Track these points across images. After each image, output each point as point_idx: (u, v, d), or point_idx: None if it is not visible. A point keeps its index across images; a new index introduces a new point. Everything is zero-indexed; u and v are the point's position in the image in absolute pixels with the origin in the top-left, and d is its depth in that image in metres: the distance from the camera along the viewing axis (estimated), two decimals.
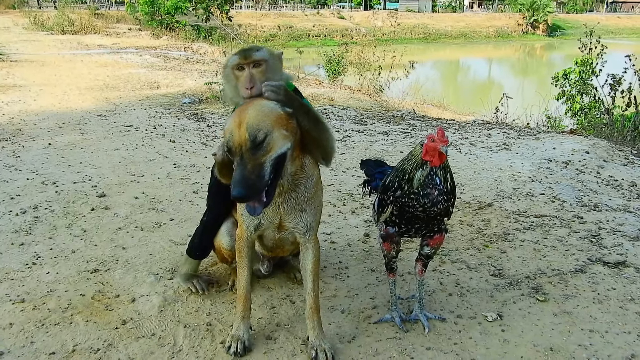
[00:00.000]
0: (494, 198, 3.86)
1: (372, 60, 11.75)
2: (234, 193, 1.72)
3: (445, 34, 39.03)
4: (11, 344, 2.17)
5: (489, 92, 14.09)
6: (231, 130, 1.79)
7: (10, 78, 8.72)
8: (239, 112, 1.85)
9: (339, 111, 6.88)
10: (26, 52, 11.88)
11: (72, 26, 18.37)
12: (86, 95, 7.68)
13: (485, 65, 29.49)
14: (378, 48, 12.29)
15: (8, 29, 18.00)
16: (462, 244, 3.14)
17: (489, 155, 4.93)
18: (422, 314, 2.38)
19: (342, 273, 2.82)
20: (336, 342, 2.23)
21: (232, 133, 1.79)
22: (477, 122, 6.92)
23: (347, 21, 41.43)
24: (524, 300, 2.56)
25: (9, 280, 2.67)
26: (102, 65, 10.56)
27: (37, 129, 5.70)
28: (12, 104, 6.89)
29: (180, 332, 2.28)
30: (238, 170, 1.76)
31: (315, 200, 2.16)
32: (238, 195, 1.72)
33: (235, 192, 1.72)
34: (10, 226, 3.28)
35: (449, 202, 2.10)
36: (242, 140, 1.78)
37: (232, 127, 1.80)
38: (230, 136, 1.79)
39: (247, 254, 2.22)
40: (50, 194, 3.83)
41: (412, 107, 8.66)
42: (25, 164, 4.50)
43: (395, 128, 6.08)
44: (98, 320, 2.35)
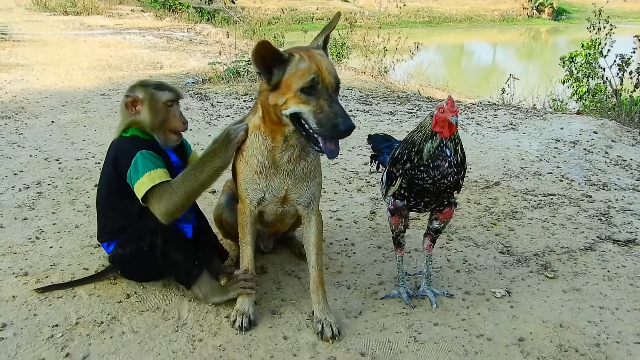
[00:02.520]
0: (501, 177, 3.82)
1: (376, 42, 11.64)
2: (349, 124, 1.74)
3: (449, 18, 38.64)
4: (14, 316, 2.15)
5: (494, 75, 13.97)
6: (314, 70, 1.78)
7: (13, 57, 8.64)
8: (310, 59, 1.82)
9: (344, 91, 6.81)
10: (29, 32, 11.77)
11: (75, 7, 18.17)
12: (89, 74, 7.61)
13: (490, 49, 29.23)
14: (382, 31, 12.17)
15: (10, 9, 17.83)
16: (469, 222, 3.10)
17: (496, 135, 4.88)
18: (429, 290, 2.35)
19: (348, 250, 2.78)
20: (342, 317, 2.20)
21: (317, 73, 1.78)
22: (484, 103, 6.84)
23: (350, 4, 41.02)
24: (532, 277, 2.52)
25: (12, 254, 2.64)
26: (105, 45, 10.46)
27: (40, 107, 5.65)
28: (15, 83, 6.83)
29: (184, 306, 2.25)
30: (336, 106, 1.78)
31: (318, 170, 2.14)
32: (352, 126, 1.76)
33: (350, 122, 1.75)
34: (14, 201, 3.25)
35: (459, 174, 2.06)
36: (328, 82, 1.80)
37: (312, 67, 1.79)
38: (314, 75, 1.77)
39: (250, 230, 2.18)
40: (54, 170, 3.80)
41: (417, 89, 8.57)
42: (28, 140, 4.46)
43: (400, 108, 6.02)
44: (102, 293, 2.32)
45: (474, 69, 22.34)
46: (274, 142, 1.99)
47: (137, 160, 2.09)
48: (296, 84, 1.79)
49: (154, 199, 2.05)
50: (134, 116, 2.19)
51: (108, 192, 2.28)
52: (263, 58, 1.81)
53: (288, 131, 1.94)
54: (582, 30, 7.71)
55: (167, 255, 2.18)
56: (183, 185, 2.06)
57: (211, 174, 2.07)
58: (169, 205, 2.04)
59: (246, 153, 2.06)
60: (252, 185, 2.08)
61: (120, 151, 2.19)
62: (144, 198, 2.07)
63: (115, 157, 2.19)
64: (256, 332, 2.10)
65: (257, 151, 2.03)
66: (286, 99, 1.83)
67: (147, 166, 2.09)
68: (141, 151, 2.11)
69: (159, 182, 2.06)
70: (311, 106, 1.79)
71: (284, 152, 2.00)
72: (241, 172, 2.10)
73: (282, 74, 1.83)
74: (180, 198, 2.05)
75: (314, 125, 1.79)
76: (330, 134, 1.78)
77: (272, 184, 2.06)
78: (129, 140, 2.19)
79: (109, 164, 2.23)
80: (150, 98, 2.17)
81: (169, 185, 2.06)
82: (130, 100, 2.18)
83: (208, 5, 25.10)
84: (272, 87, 1.86)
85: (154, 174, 2.08)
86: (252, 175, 2.06)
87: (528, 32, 33.72)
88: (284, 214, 2.22)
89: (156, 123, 2.19)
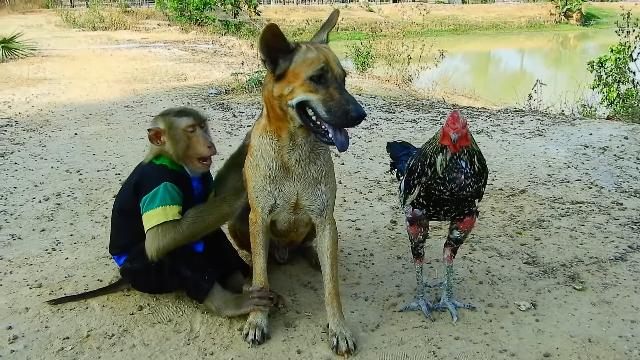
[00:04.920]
0: (527, 184, 3.70)
1: (400, 51, 11.57)
2: (360, 110, 1.70)
3: (475, 26, 38.35)
4: (26, 328, 2.13)
5: (521, 82, 13.74)
6: (324, 60, 1.77)
7: (41, 72, 8.81)
8: (318, 50, 1.81)
9: (367, 99, 6.75)
10: (57, 48, 12.02)
11: (103, 22, 18.56)
12: (114, 87, 7.71)
13: (517, 56, 28.88)
14: (407, 39, 12.09)
15: (41, 26, 18.25)
16: (493, 231, 3.00)
17: (522, 141, 4.74)
18: (450, 302, 2.26)
19: (366, 260, 2.71)
20: (359, 330, 2.12)
21: (326, 63, 1.77)
22: (510, 109, 6.70)
23: (375, 14, 41.00)
24: (559, 289, 2.41)
25: (28, 265, 2.64)
26: (131, 58, 10.61)
27: (64, 120, 5.72)
28: (42, 97, 6.95)
29: (197, 318, 2.20)
30: (346, 94, 1.75)
31: (330, 176, 2.07)
32: (364, 113, 1.72)
33: (361, 109, 1.71)
34: (33, 212, 3.26)
35: (479, 183, 1.97)
36: (337, 72, 1.79)
37: (321, 57, 1.78)
38: (324, 65, 1.76)
39: (262, 240, 2.13)
40: (74, 181, 3.81)
41: (441, 96, 8.46)
42: (51, 153, 4.50)
43: (424, 116, 5.92)
44: (114, 305, 2.29)
45: (501, 76, 22.07)
46: (280, 140, 1.94)
47: (158, 191, 2.08)
48: (305, 72, 1.76)
49: (156, 234, 2.05)
50: (161, 147, 2.18)
51: (122, 210, 2.27)
52: (269, 44, 1.77)
53: (294, 127, 1.88)
54: (612, 35, 7.53)
55: (176, 271, 2.14)
56: (191, 227, 2.09)
57: (218, 219, 2.15)
58: (168, 242, 2.05)
59: (255, 157, 2.02)
60: (263, 192, 2.03)
61: (145, 177, 2.18)
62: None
63: (138, 181, 2.18)
64: (269, 345, 2.04)
65: (264, 153, 1.98)
66: (293, 87, 1.78)
67: (166, 200, 2.08)
68: (166, 183, 2.10)
69: (170, 220, 2.06)
70: (320, 94, 1.75)
71: (291, 151, 1.94)
72: (251, 179, 2.05)
73: (289, 63, 1.79)
74: (183, 238, 2.08)
75: (323, 113, 1.74)
76: (342, 121, 1.72)
77: (282, 188, 2.01)
78: (157, 169, 2.18)
79: (130, 185, 2.22)
80: (169, 127, 2.15)
81: (177, 224, 2.07)
82: (154, 133, 2.16)
83: (234, 18, 25.42)
84: (277, 77, 1.83)
85: (169, 209, 2.08)
86: (262, 181, 2.01)
87: (556, 38, 33.24)
88: (297, 223, 2.16)
89: (180, 151, 2.16)
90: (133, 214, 2.15)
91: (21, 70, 8.74)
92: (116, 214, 2.31)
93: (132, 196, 2.17)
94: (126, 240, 2.25)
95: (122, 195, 2.29)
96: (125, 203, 2.23)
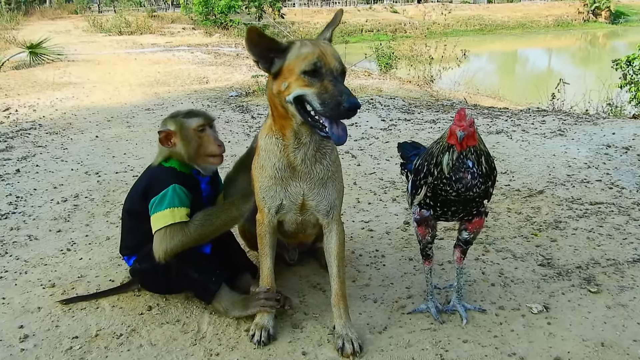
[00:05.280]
0: (545, 185, 3.63)
1: (423, 52, 11.50)
2: (353, 101, 1.68)
3: (501, 25, 37.90)
4: (37, 327, 2.16)
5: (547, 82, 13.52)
6: (317, 54, 1.76)
7: (66, 76, 8.98)
8: (313, 44, 1.81)
9: (386, 100, 6.71)
10: (84, 53, 12.24)
11: (129, 27, 18.84)
12: (136, 90, 7.82)
13: (544, 55, 28.44)
14: (430, 40, 12.02)
15: (69, 32, 18.62)
16: (508, 233, 2.95)
17: (542, 141, 4.66)
18: (460, 304, 2.22)
19: (377, 261, 2.68)
20: (366, 332, 2.10)
21: (320, 57, 1.76)
22: (532, 109, 6.60)
23: (400, 15, 40.81)
24: (573, 291, 2.35)
25: (43, 265, 2.68)
26: (155, 62, 10.75)
27: (86, 123, 5.82)
28: (66, 100, 7.07)
29: (205, 318, 2.21)
30: (341, 85, 1.74)
31: (337, 176, 2.06)
32: (357, 104, 1.69)
33: (354, 100, 1.69)
34: (50, 214, 3.32)
35: (487, 184, 1.94)
36: (333, 65, 1.77)
37: (316, 51, 1.77)
38: (317, 59, 1.75)
39: (270, 241, 2.12)
40: (92, 183, 3.87)
41: (463, 97, 8.37)
42: (72, 155, 4.57)
43: (443, 116, 5.87)
44: (124, 305, 2.31)
45: (528, 76, 21.75)
46: (285, 139, 1.93)
47: (167, 193, 2.10)
48: (299, 67, 1.76)
49: (164, 236, 2.07)
50: (172, 149, 2.20)
51: (131, 211, 2.30)
52: (258, 45, 1.79)
53: (297, 124, 1.88)
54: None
55: (183, 273, 2.16)
56: (199, 229, 2.10)
57: (226, 222, 2.17)
58: (175, 244, 2.06)
59: (261, 157, 2.02)
60: (269, 193, 2.03)
61: (154, 179, 2.20)
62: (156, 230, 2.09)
63: (147, 183, 2.21)
64: (275, 346, 2.03)
65: (270, 153, 1.98)
66: (289, 82, 1.79)
67: (174, 202, 2.10)
68: (174, 185, 2.12)
69: (178, 222, 2.07)
70: (315, 88, 1.74)
71: (297, 150, 1.94)
72: (257, 179, 2.05)
73: (284, 61, 1.81)
74: (191, 240, 2.09)
75: (317, 106, 1.74)
76: (335, 112, 1.71)
77: (288, 189, 2.00)
78: (166, 171, 2.20)
79: (139, 187, 2.25)
80: (180, 128, 2.18)
81: (184, 226, 2.08)
82: (164, 135, 2.19)
83: (258, 21, 25.56)
84: (274, 75, 1.84)
85: (177, 211, 2.09)
86: (268, 181, 2.01)
87: (584, 37, 32.65)
88: (304, 224, 2.15)
89: (191, 151, 2.19)
90: (142, 215, 2.17)
91: (47, 75, 8.93)
92: (125, 215, 2.34)
93: (141, 198, 2.19)
94: (135, 241, 2.27)
95: (131, 197, 2.31)
96: (135, 205, 2.25)
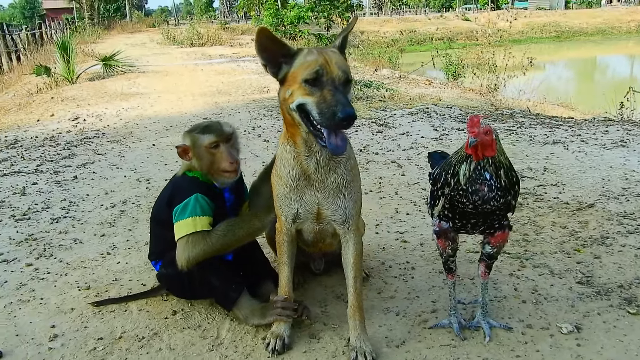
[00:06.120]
0: (597, 198, 3.44)
1: (491, 60, 11.23)
2: (349, 111, 1.65)
3: (579, 32, 36.48)
4: (67, 327, 2.25)
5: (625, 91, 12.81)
6: (321, 63, 1.75)
7: (134, 87, 9.39)
8: (319, 53, 1.80)
9: (442, 110, 6.59)
10: (154, 64, 12.76)
11: (200, 39, 19.53)
12: (198, 100, 8.06)
13: (625, 62, 27.10)
14: (499, 48, 11.71)
15: (144, 44, 19.52)
16: (549, 247, 2.80)
17: (601, 152, 4.42)
18: (484, 321, 2.13)
19: (406, 274, 2.62)
20: (382, 346, 2.05)
21: (323, 66, 1.74)
22: (597, 119, 6.29)
23: (471, 23, 40.11)
24: (611, 312, 2.21)
25: (82, 268, 2.79)
26: (219, 73, 11.06)
27: (146, 132, 6.05)
28: (131, 110, 7.39)
29: (225, 325, 2.23)
30: (339, 95, 1.71)
31: (354, 185, 2.02)
32: (352, 114, 1.65)
33: (349, 110, 1.65)
34: (98, 219, 3.46)
35: (506, 197, 1.85)
36: (336, 74, 1.75)
37: (319, 60, 1.76)
38: (319, 68, 1.74)
39: (288, 249, 2.12)
40: (142, 190, 4.00)
41: (527, 105, 8.09)
42: (127, 162, 4.76)
43: (499, 126, 5.68)
44: (151, 309, 2.37)
45: (606, 84, 20.78)
46: (297, 147, 1.93)
47: (189, 202, 2.14)
48: (302, 75, 1.76)
49: (186, 244, 2.10)
50: (190, 162, 2.26)
51: (157, 219, 2.36)
52: (267, 48, 1.79)
53: (304, 132, 1.86)
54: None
55: (205, 280, 2.19)
56: (221, 239, 2.13)
57: (248, 233, 2.19)
58: (197, 253, 2.09)
59: (278, 165, 2.03)
60: (285, 201, 2.03)
61: (177, 188, 2.25)
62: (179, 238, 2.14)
63: (172, 193, 2.26)
64: (289, 356, 2.02)
65: (285, 161, 1.98)
66: (292, 90, 1.78)
67: (196, 211, 2.13)
68: (197, 195, 2.16)
69: (200, 231, 2.11)
70: (315, 97, 1.73)
71: (309, 158, 1.92)
72: (275, 187, 2.06)
73: (290, 67, 1.81)
74: (213, 249, 2.12)
75: (316, 115, 1.72)
76: (331, 122, 1.68)
77: (304, 197, 1.99)
78: (189, 180, 2.24)
79: (165, 196, 2.31)
80: (194, 144, 2.22)
81: (207, 235, 2.12)
82: (181, 149, 2.25)
83: (327, 31, 25.81)
84: (281, 82, 1.84)
85: (199, 220, 2.13)
86: (284, 189, 2.01)
87: None
88: (322, 233, 2.13)
89: (204, 167, 2.22)
90: (167, 223, 2.22)
91: (117, 86, 9.36)
92: (152, 222, 2.40)
93: (165, 206, 2.24)
94: (161, 247, 2.33)
95: (157, 205, 2.37)
96: (160, 212, 2.31)
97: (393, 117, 6.28)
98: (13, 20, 50.72)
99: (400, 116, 6.34)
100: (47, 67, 10.40)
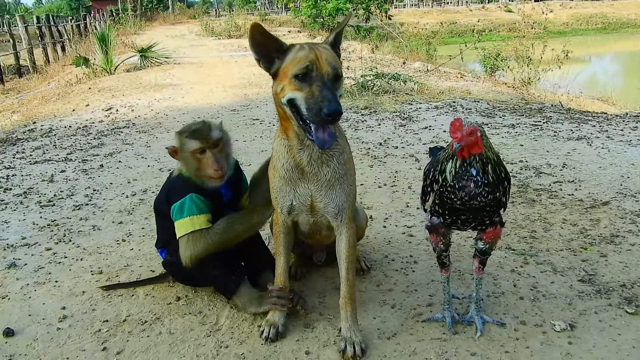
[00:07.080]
0: (613, 196, 3.38)
1: (526, 53, 10.97)
2: (334, 107, 1.69)
3: (627, 23, 35.26)
4: (76, 309, 2.37)
5: None
6: (311, 58, 1.79)
7: (168, 78, 9.58)
8: (310, 49, 1.84)
9: (469, 104, 6.53)
10: (190, 55, 12.98)
11: (238, 31, 19.72)
12: (228, 92, 8.18)
13: None
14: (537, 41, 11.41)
15: (183, 36, 19.84)
16: (555, 245, 2.79)
17: (624, 149, 4.33)
18: (478, 316, 2.15)
19: (408, 267, 2.65)
20: (373, 337, 2.09)
21: (313, 62, 1.78)
22: (630, 114, 6.12)
23: (514, 14, 39.19)
24: (608, 311, 2.19)
25: (98, 254, 2.92)
26: (252, 64, 11.09)
27: (174, 123, 6.18)
28: (162, 101, 7.56)
29: (224, 312, 2.31)
30: (326, 91, 1.74)
31: (347, 179, 2.05)
32: (337, 110, 1.70)
33: (335, 106, 1.69)
34: (118, 206, 3.59)
35: (494, 193, 1.86)
36: (325, 70, 1.79)
37: (310, 56, 1.80)
38: (309, 63, 1.78)
39: (284, 240, 2.18)
40: (163, 179, 4.06)
41: (559, 100, 7.92)
42: (152, 152, 4.90)
43: (525, 121, 5.60)
44: (157, 294, 2.47)
45: None
46: (289, 140, 1.98)
47: (185, 202, 2.21)
48: (292, 70, 1.80)
49: (187, 243, 2.18)
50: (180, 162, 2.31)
51: (159, 211, 2.44)
52: (260, 44, 1.84)
53: (296, 126, 1.90)
54: None
55: (205, 269, 2.26)
56: (221, 235, 2.19)
57: (248, 228, 2.26)
58: (199, 250, 2.16)
59: (273, 158, 2.09)
60: (280, 193, 2.08)
61: (173, 188, 2.32)
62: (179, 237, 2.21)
63: (168, 192, 2.33)
64: (282, 344, 2.08)
65: (280, 154, 2.04)
66: (283, 85, 1.83)
67: (193, 210, 2.20)
68: (191, 194, 2.22)
69: (198, 229, 2.18)
70: (304, 92, 1.77)
71: (301, 151, 1.97)
72: (271, 179, 2.12)
73: (282, 62, 1.85)
74: (214, 246, 2.19)
75: (304, 110, 1.77)
76: (317, 118, 1.73)
77: (297, 189, 2.04)
78: (183, 180, 2.29)
79: (163, 192, 2.39)
80: (181, 148, 2.25)
81: (206, 233, 2.18)
82: (172, 150, 2.30)
83: (365, 23, 25.67)
84: (273, 76, 1.89)
85: (196, 219, 2.19)
86: (279, 181, 2.07)
87: None
88: (317, 225, 2.18)
89: (190, 171, 2.26)
90: (168, 215, 2.30)
91: (151, 77, 9.57)
92: (155, 213, 2.49)
93: (164, 202, 2.32)
94: (167, 236, 2.41)
95: (158, 198, 2.45)
96: (161, 206, 2.38)
97: (418, 111, 6.26)
98: (60, 12, 52.15)
99: (426, 110, 6.31)
100: (86, 58, 10.72)
